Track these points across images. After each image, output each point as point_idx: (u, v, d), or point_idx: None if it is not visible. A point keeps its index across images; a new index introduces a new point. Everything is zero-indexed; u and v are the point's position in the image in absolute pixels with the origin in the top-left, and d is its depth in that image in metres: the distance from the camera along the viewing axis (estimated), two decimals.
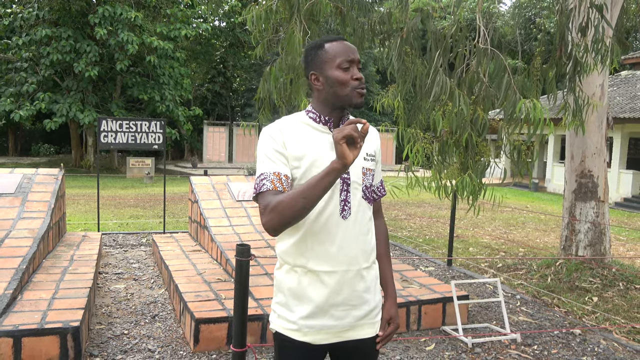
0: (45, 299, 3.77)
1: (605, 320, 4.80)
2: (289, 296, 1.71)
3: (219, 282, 4.49)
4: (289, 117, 1.76)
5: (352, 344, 1.74)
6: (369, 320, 1.75)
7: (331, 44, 1.69)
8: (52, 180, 5.96)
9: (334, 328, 1.69)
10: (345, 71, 1.67)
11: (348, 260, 1.67)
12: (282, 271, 1.75)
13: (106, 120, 7.44)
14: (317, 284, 1.67)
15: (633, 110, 16.54)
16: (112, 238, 7.51)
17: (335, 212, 1.66)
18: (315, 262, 1.66)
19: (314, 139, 1.69)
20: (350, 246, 1.68)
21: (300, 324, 1.68)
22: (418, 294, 4.35)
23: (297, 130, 1.70)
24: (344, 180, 1.68)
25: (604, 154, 6.29)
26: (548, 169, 20.89)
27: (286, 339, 1.72)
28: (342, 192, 1.67)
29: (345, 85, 1.66)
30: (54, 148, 34.19)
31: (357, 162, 1.71)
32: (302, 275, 1.68)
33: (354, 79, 1.66)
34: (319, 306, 1.67)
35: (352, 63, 1.67)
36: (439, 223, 10.58)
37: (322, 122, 1.71)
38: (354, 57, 1.68)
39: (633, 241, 9.96)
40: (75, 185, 16.58)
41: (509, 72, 3.90)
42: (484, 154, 4.15)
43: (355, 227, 1.69)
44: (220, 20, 28.24)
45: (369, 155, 1.75)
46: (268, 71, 4.79)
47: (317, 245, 1.66)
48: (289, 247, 1.71)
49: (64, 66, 20.87)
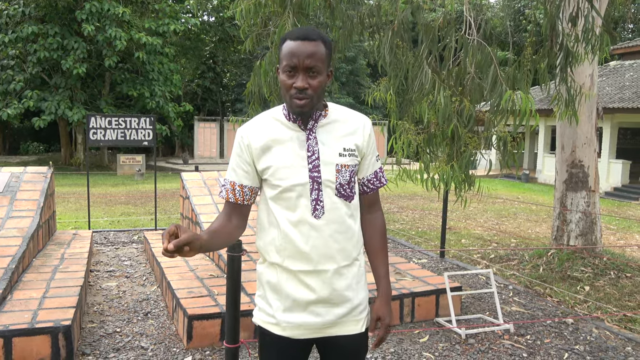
0: (35, 298, 3.74)
1: (597, 309, 4.84)
2: (268, 290, 1.71)
3: (212, 278, 4.47)
4: (265, 113, 1.73)
5: (336, 340, 1.73)
6: (353, 318, 1.72)
7: (288, 42, 1.60)
8: (41, 178, 5.89)
9: (314, 325, 1.68)
10: (288, 76, 1.60)
11: (324, 259, 1.64)
12: (263, 265, 1.75)
13: (95, 117, 7.37)
14: (295, 281, 1.66)
15: (622, 100, 16.65)
16: (103, 236, 7.46)
17: (307, 212, 1.62)
18: (290, 261, 1.65)
19: (284, 138, 1.66)
20: (325, 245, 1.64)
21: (278, 318, 1.68)
22: (411, 286, 4.35)
23: (266, 130, 1.68)
24: (314, 179, 1.63)
25: (594, 144, 6.32)
26: (539, 160, 21.01)
27: (266, 332, 1.72)
28: (313, 191, 1.63)
29: (286, 90, 1.61)
30: (43, 146, 33.88)
31: (330, 159, 1.65)
32: (280, 272, 1.68)
33: (293, 87, 1.58)
34: (297, 302, 1.66)
35: (294, 69, 1.58)
36: (431, 215, 10.61)
37: (291, 120, 1.68)
38: (299, 63, 1.57)
39: (623, 230, 10.04)
40: (65, 183, 16.45)
41: (495, 64, 3.89)
42: (470, 146, 4.15)
43: (330, 226, 1.64)
44: (209, 15, 28.07)
45: (346, 150, 1.67)
46: (258, 65, 4.75)
47: (290, 245, 1.64)
48: (265, 244, 1.70)
49: (51, 63, 20.66)
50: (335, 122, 1.70)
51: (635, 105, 15.79)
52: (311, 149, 1.64)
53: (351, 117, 1.73)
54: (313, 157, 1.64)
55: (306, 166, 1.63)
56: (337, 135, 1.68)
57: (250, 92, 4.82)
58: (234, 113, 31.41)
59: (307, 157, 1.64)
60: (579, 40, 4.37)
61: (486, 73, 3.96)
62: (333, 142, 1.67)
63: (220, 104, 32.56)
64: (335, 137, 1.67)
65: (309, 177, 1.62)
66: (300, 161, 1.63)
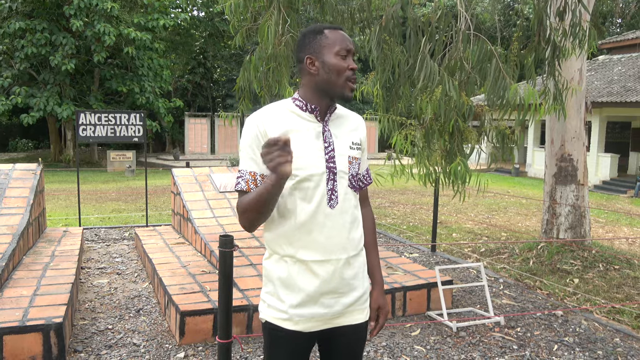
0: (26, 296, 3.72)
1: (586, 301, 4.89)
2: (279, 286, 1.70)
3: (204, 274, 4.47)
4: (275, 105, 1.73)
5: (341, 330, 1.75)
6: (358, 307, 1.77)
7: (331, 31, 1.69)
8: (30, 175, 5.85)
9: (324, 316, 1.70)
10: (342, 59, 1.67)
11: (337, 249, 1.68)
12: (271, 261, 1.74)
13: (84, 114, 7.32)
14: (307, 274, 1.67)
15: (610, 94, 16.78)
16: (94, 233, 7.42)
17: (323, 201, 1.66)
18: (304, 252, 1.66)
19: (300, 129, 1.68)
20: (339, 235, 1.68)
21: (290, 313, 1.68)
22: (403, 281, 4.38)
23: (281, 119, 1.68)
24: (331, 170, 1.67)
25: (583, 138, 6.38)
26: (528, 154, 21.15)
27: (276, 328, 1.71)
28: (329, 181, 1.67)
29: (341, 73, 1.66)
30: (32, 143, 33.55)
31: (344, 151, 1.71)
32: (291, 265, 1.68)
33: (350, 69, 1.67)
34: (310, 295, 1.67)
35: (349, 53, 1.68)
36: (423, 210, 10.66)
37: (308, 111, 1.70)
38: (352, 47, 1.68)
39: (612, 223, 10.15)
40: (55, 180, 16.33)
41: (497, 57, 3.90)
42: (470, 140, 4.17)
43: (343, 216, 1.69)
44: (198, 10, 27.88)
45: (354, 144, 1.75)
46: (248, 60, 4.74)
47: (305, 235, 1.65)
48: (277, 237, 1.70)
49: (39, 59, 20.44)
50: (342, 117, 1.78)
51: (623, 99, 15.93)
52: (327, 140, 1.69)
53: (352, 115, 1.82)
54: (329, 147, 1.69)
55: (323, 156, 1.67)
56: (346, 130, 1.76)
57: (240, 87, 4.81)
58: (224, 109, 31.27)
59: (323, 147, 1.68)
60: (566, 34, 4.40)
61: (485, 67, 3.96)
62: (344, 135, 1.74)
63: (210, 99, 32.42)
64: (344, 131, 1.75)
65: (325, 167, 1.67)
66: (317, 152, 1.67)
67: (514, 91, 3.75)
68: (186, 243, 5.72)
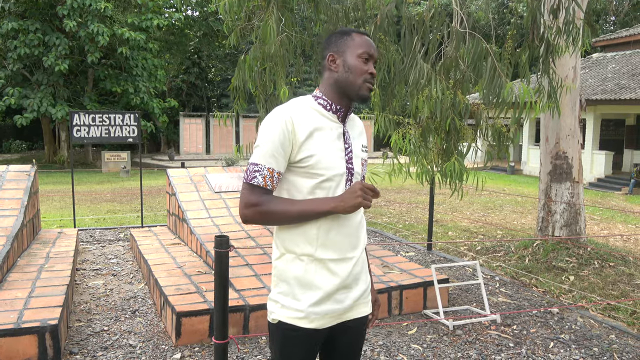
0: (21, 298, 3.70)
1: (581, 299, 4.91)
2: (295, 285, 1.71)
3: (200, 275, 4.46)
4: (298, 101, 1.74)
5: (346, 325, 1.80)
6: (363, 300, 1.83)
7: (359, 35, 1.74)
8: (24, 176, 5.82)
9: (337, 311, 1.74)
10: (364, 62, 1.72)
11: (351, 248, 1.74)
12: (283, 261, 1.74)
13: (78, 114, 7.28)
14: (324, 272, 1.70)
15: (604, 91, 16.85)
16: (89, 234, 7.39)
17: None
18: (322, 250, 1.69)
19: (324, 128, 1.71)
20: (354, 234, 1.75)
21: (308, 312, 1.70)
22: (399, 279, 4.38)
23: (308, 117, 1.70)
24: (349, 171, 1.74)
25: (577, 136, 6.40)
26: (524, 152, 21.20)
27: (291, 327, 1.71)
28: (347, 182, 1.73)
29: (360, 75, 1.71)
30: (26, 144, 33.36)
31: (358, 153, 1.79)
32: (308, 263, 1.70)
33: (369, 72, 1.72)
34: (327, 292, 1.71)
35: (371, 58, 1.73)
36: (418, 208, 10.67)
37: (332, 111, 1.74)
38: (375, 54, 1.74)
39: (607, 220, 10.19)
40: (50, 181, 16.26)
41: (492, 56, 3.90)
42: (467, 138, 4.17)
43: (357, 216, 1.76)
44: (193, 10, 27.79)
45: (364, 147, 1.83)
46: (242, 60, 4.72)
47: (324, 234, 1.69)
48: (295, 236, 1.70)
49: (32, 60, 20.32)
50: (352, 120, 1.84)
51: (617, 96, 15.99)
52: (347, 141, 1.76)
53: (357, 119, 1.89)
54: (349, 149, 1.75)
55: (343, 157, 1.73)
56: (356, 133, 1.83)
57: (234, 87, 4.79)
58: (219, 108, 31.22)
59: (344, 148, 1.74)
60: (560, 32, 4.41)
61: (480, 65, 3.97)
62: (356, 137, 1.82)
63: (205, 99, 32.34)
64: (356, 134, 1.82)
65: (345, 168, 1.72)
66: (339, 152, 1.72)
67: (509, 89, 3.76)
68: (182, 244, 5.70)
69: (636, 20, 27.97)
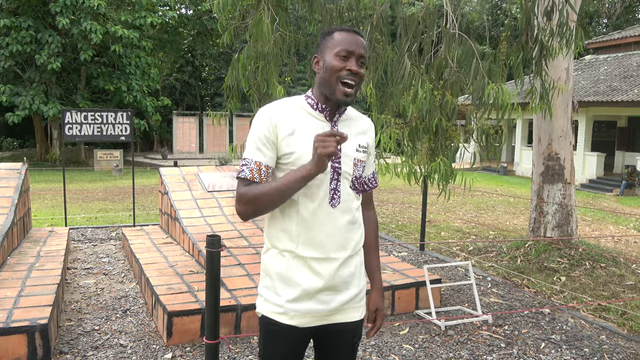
0: (10, 297, 3.67)
1: (572, 299, 4.93)
2: (276, 280, 1.73)
3: (192, 274, 4.44)
4: (288, 100, 1.76)
5: (336, 327, 1.78)
6: (354, 305, 1.79)
7: (340, 33, 1.70)
8: (15, 175, 5.77)
9: (320, 312, 1.72)
10: (341, 60, 1.66)
11: (335, 248, 1.71)
12: (269, 255, 1.77)
13: (71, 112, 7.23)
14: (305, 269, 1.70)
15: (597, 93, 16.95)
16: (81, 232, 7.35)
17: (325, 200, 1.69)
18: (303, 248, 1.69)
19: (308, 126, 1.70)
20: (338, 234, 1.71)
21: (286, 307, 1.70)
22: (391, 280, 4.38)
23: (293, 114, 1.70)
24: (335, 170, 1.70)
25: (569, 137, 6.43)
26: (516, 153, 21.29)
27: (272, 322, 1.73)
28: (333, 181, 1.70)
29: (334, 74, 1.66)
30: (18, 142, 33.15)
31: (350, 153, 1.74)
32: (289, 260, 1.71)
33: (346, 69, 1.65)
34: (306, 290, 1.70)
35: (351, 54, 1.66)
36: (411, 209, 10.69)
37: (318, 110, 1.73)
38: (355, 49, 1.66)
39: (598, 221, 10.25)
40: (41, 179, 16.15)
41: (477, 57, 3.92)
42: (454, 139, 4.18)
43: (344, 216, 1.72)
44: (186, 8, 27.71)
45: (361, 147, 1.78)
46: (236, 59, 4.71)
47: (306, 232, 1.68)
48: (278, 231, 1.73)
49: (24, 57, 20.17)
50: (351, 119, 1.80)
51: (609, 98, 16.09)
52: None
53: (362, 118, 1.84)
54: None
55: None
56: (354, 132, 1.78)
57: (228, 86, 4.77)
58: (213, 107, 31.14)
59: None
60: (553, 34, 4.43)
61: (467, 66, 3.98)
62: (352, 137, 1.76)
63: (199, 98, 32.25)
64: (353, 134, 1.77)
65: (330, 167, 1.69)
66: None
67: (490, 91, 3.75)
68: (174, 243, 5.68)
69: (628, 22, 28.18)
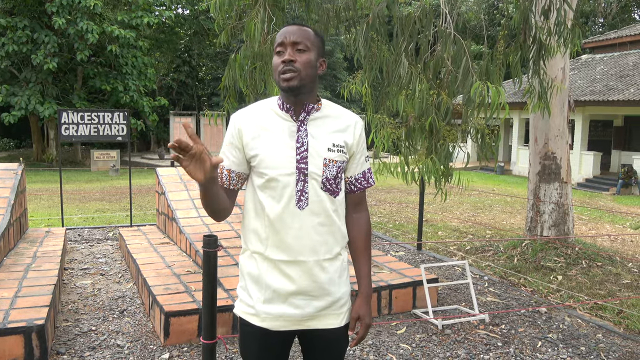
0: (7, 298, 3.65)
1: (569, 298, 4.94)
2: (249, 281, 1.72)
3: (189, 274, 4.44)
4: (260, 103, 1.75)
5: (317, 333, 1.73)
6: (333, 311, 1.73)
7: (281, 30, 1.68)
8: (11, 175, 5.75)
9: (293, 316, 1.68)
10: (278, 56, 1.65)
11: (305, 250, 1.65)
12: (244, 256, 1.77)
13: (67, 113, 7.22)
14: (275, 272, 1.67)
15: (593, 93, 17.00)
16: (77, 233, 7.33)
17: (291, 202, 1.63)
18: (271, 250, 1.66)
19: (273, 127, 1.68)
20: (307, 237, 1.65)
21: (257, 309, 1.69)
22: (389, 279, 4.39)
23: (258, 118, 1.70)
24: (301, 171, 1.64)
25: (566, 136, 6.44)
26: (513, 152, 21.33)
27: (246, 323, 1.73)
28: (299, 182, 1.63)
29: (275, 72, 1.66)
30: (14, 142, 33.05)
31: (320, 153, 1.66)
32: (260, 262, 1.69)
33: (281, 62, 1.62)
34: (276, 293, 1.67)
35: (283, 46, 1.64)
36: (408, 208, 10.70)
37: (284, 110, 1.70)
38: (286, 39, 1.63)
39: (594, 220, 10.28)
40: (38, 180, 16.11)
41: (467, 56, 3.92)
42: (448, 139, 4.18)
43: (314, 218, 1.65)
44: (183, 8, 27.65)
45: (335, 146, 1.68)
46: (233, 59, 4.70)
47: (273, 234, 1.65)
48: (249, 232, 1.72)
49: (20, 57, 20.12)
50: (327, 117, 1.72)
51: (605, 97, 16.14)
52: (300, 140, 1.66)
53: (344, 115, 1.75)
54: (302, 148, 1.65)
55: (294, 157, 1.64)
56: (327, 130, 1.70)
57: (225, 86, 4.77)
58: (210, 107, 31.09)
59: (295, 147, 1.65)
60: (551, 33, 4.44)
61: (459, 65, 3.99)
62: (323, 136, 1.68)
63: (196, 98, 32.21)
64: (325, 132, 1.69)
65: (295, 168, 1.63)
66: (288, 151, 1.64)
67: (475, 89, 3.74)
68: (171, 243, 5.67)
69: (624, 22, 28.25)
